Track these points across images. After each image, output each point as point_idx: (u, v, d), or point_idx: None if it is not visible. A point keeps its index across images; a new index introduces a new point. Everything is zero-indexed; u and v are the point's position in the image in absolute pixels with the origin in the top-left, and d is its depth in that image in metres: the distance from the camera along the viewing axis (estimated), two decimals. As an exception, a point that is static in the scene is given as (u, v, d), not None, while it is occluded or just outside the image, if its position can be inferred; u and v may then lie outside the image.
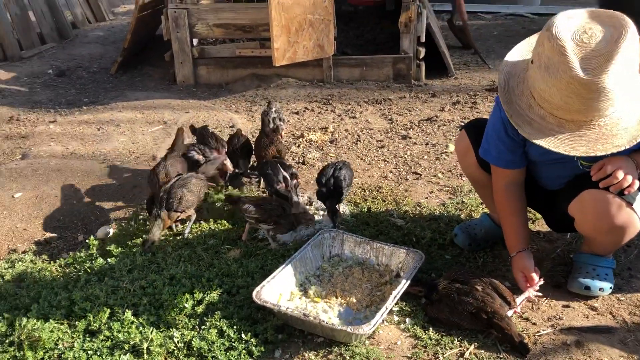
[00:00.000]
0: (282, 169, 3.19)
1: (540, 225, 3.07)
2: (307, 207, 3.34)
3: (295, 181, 3.20)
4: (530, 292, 2.42)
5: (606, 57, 1.82)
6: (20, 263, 2.88)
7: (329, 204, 3.05)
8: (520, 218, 2.52)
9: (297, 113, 5.04)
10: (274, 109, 3.91)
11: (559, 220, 2.58)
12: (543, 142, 1.98)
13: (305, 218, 2.92)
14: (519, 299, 2.37)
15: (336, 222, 3.00)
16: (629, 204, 2.23)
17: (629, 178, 2.08)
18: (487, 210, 3.07)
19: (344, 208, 3.35)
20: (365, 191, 3.57)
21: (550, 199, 2.59)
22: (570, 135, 1.95)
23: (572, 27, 1.90)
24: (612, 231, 2.31)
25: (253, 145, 3.69)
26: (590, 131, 1.94)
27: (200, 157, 3.44)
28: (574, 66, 1.84)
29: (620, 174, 2.07)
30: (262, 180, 3.45)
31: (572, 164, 2.36)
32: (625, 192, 2.14)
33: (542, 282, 2.45)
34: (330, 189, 3.07)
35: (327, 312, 2.41)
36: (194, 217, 3.12)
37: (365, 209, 3.33)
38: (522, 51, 2.24)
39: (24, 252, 3.02)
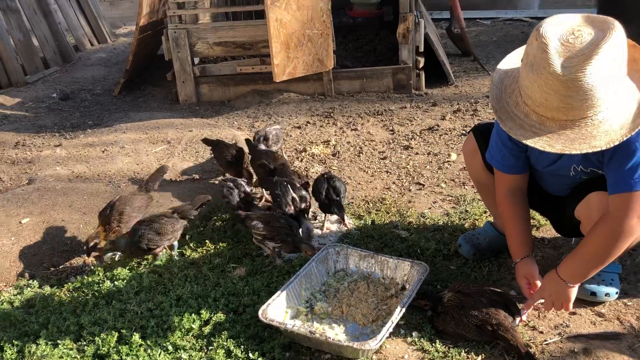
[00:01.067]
0: (291, 191, 3.21)
1: (544, 232, 3.07)
2: (313, 223, 3.35)
3: (304, 204, 3.21)
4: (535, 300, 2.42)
5: (586, 56, 1.85)
6: (28, 289, 2.91)
7: (336, 210, 3.17)
8: (523, 224, 2.52)
9: (299, 127, 5.07)
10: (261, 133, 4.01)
11: (566, 224, 2.58)
12: (522, 138, 2.01)
13: (308, 248, 2.87)
14: (524, 310, 2.37)
15: (344, 218, 3.21)
16: None
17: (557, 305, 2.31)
18: (490, 219, 3.08)
19: (347, 221, 3.36)
20: (368, 203, 3.59)
21: (557, 204, 2.60)
22: (550, 134, 1.97)
23: (562, 27, 1.93)
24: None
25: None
26: (570, 131, 1.96)
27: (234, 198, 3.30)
28: (553, 63, 1.86)
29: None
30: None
31: (568, 175, 2.38)
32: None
33: None
34: (332, 199, 3.20)
35: (333, 328, 2.42)
36: (160, 254, 3.06)
37: (369, 221, 3.34)
38: (521, 54, 2.25)
39: (32, 278, 3.04)
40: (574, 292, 2.29)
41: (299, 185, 3.30)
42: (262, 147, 3.87)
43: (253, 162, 3.78)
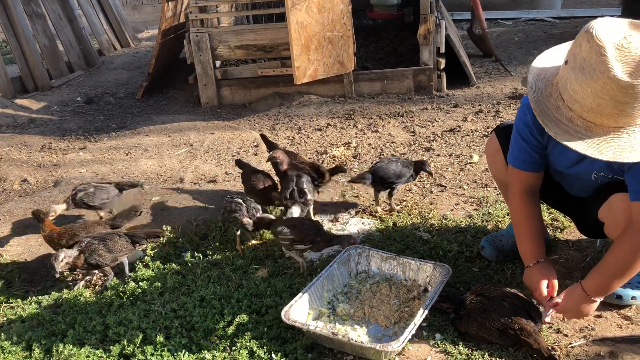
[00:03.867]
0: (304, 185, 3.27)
1: (568, 234, 3.04)
2: (334, 225, 3.37)
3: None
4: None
5: None
6: (55, 289, 2.96)
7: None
8: (537, 226, 2.49)
9: (319, 129, 5.09)
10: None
11: (590, 225, 2.55)
12: (570, 144, 1.95)
13: (347, 240, 2.85)
14: (546, 315, 2.34)
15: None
16: None
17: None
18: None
19: (369, 223, 3.37)
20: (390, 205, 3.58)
21: (579, 205, 2.57)
22: (597, 140, 1.92)
23: (612, 31, 1.87)
24: (643, 236, 2.27)
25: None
26: (618, 138, 1.91)
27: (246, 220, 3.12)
28: (613, 67, 1.81)
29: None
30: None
31: (589, 178, 2.36)
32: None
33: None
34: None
35: (355, 329, 2.42)
36: (110, 276, 2.98)
37: (391, 223, 3.34)
38: (552, 56, 2.22)
39: (59, 279, 3.10)
40: (596, 305, 2.27)
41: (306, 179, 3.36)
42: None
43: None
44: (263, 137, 4.11)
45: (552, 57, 2.18)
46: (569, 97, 1.96)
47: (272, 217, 3.19)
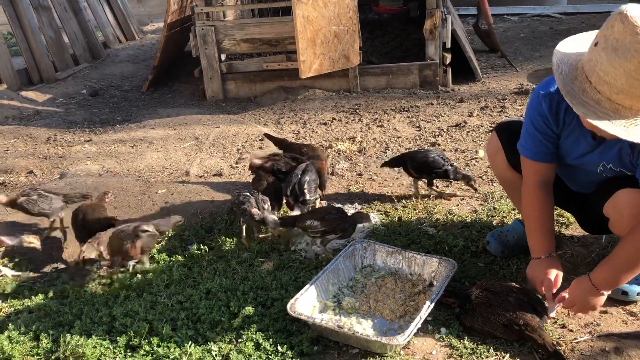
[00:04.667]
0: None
1: (574, 229, 3.04)
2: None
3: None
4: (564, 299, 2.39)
5: None
6: (61, 280, 2.98)
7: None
8: (549, 220, 2.48)
9: (324, 124, 5.09)
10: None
11: (593, 221, 2.55)
12: (599, 123, 1.92)
13: (364, 217, 2.99)
14: (551, 310, 2.35)
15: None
16: None
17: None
18: (519, 216, 3.05)
19: (374, 217, 3.37)
20: (395, 200, 3.58)
21: (584, 201, 2.57)
22: (625, 122, 1.90)
23: None
24: (649, 232, 2.27)
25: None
26: None
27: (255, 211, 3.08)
28: None
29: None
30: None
31: (594, 171, 2.35)
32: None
33: None
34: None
35: (361, 323, 2.43)
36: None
37: (396, 218, 3.34)
38: (572, 43, 2.19)
39: (65, 270, 3.11)
40: (603, 298, 2.27)
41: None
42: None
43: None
44: (267, 135, 4.12)
45: (573, 45, 2.16)
46: (598, 79, 1.93)
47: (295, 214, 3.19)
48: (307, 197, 3.25)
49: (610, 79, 1.89)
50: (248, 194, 3.17)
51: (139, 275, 2.90)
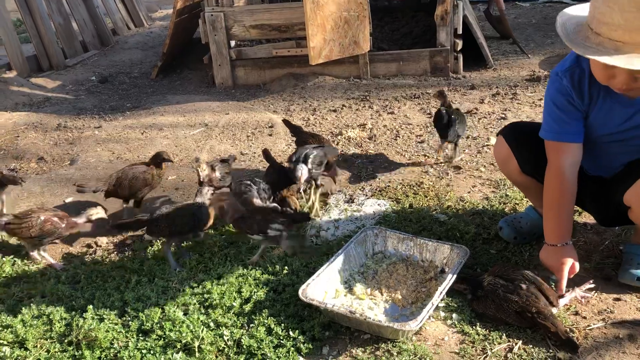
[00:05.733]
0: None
1: (587, 217, 3.01)
2: (350, 205, 3.37)
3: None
4: (577, 293, 2.38)
5: None
6: (73, 265, 2.99)
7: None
8: (571, 206, 2.43)
9: (334, 111, 5.06)
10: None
11: (610, 211, 2.51)
12: (599, 57, 1.93)
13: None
14: (563, 300, 2.33)
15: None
16: None
17: None
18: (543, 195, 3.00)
19: (385, 204, 3.36)
20: (406, 187, 3.57)
21: (601, 190, 2.52)
22: (625, 55, 1.91)
23: None
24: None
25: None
26: None
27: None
28: None
29: None
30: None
31: (632, 140, 2.29)
32: None
33: (592, 284, 2.42)
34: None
35: (372, 309, 2.43)
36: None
37: (407, 205, 3.32)
38: (580, 7, 2.20)
39: (77, 256, 3.13)
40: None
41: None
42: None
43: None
44: (285, 122, 4.09)
45: (579, 9, 2.17)
46: (597, 23, 1.96)
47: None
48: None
49: (608, 18, 1.92)
50: (250, 182, 3.14)
51: (152, 260, 2.90)
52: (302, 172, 3.11)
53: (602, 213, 2.63)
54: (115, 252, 3.12)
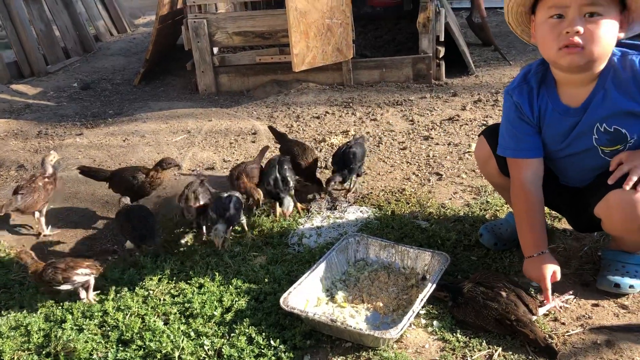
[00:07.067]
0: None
1: (566, 223, 3.03)
2: (333, 213, 3.38)
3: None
4: (557, 302, 2.40)
5: None
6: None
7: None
8: (541, 217, 2.48)
9: (318, 117, 5.07)
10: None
11: (584, 221, 2.55)
12: None
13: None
14: (542, 309, 2.35)
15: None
16: None
17: None
18: (512, 210, 3.05)
19: (367, 211, 3.37)
20: (388, 194, 3.58)
21: (575, 200, 2.56)
22: None
23: None
24: (641, 231, 2.28)
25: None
26: None
27: None
28: None
29: (635, 176, 2.14)
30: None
31: (593, 152, 2.34)
32: None
33: (571, 295, 2.44)
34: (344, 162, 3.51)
35: (354, 317, 2.43)
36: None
37: (389, 211, 3.34)
38: None
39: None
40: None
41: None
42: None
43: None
44: (271, 128, 4.09)
45: None
46: None
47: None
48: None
49: None
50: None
51: (132, 269, 2.88)
52: (289, 206, 3.25)
53: (577, 221, 2.67)
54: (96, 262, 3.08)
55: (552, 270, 2.35)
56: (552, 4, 2.11)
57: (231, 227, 3.00)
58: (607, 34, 2.07)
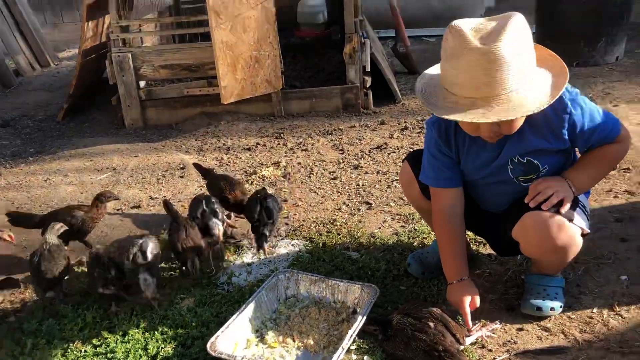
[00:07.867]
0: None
1: (491, 248, 3.12)
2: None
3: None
4: (484, 332, 2.44)
5: (498, 31, 2.01)
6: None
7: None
8: (462, 244, 2.56)
9: (249, 149, 5.04)
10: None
11: (505, 244, 2.63)
12: (454, 116, 2.08)
13: None
14: (470, 338, 2.39)
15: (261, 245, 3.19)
16: (570, 221, 2.30)
17: (560, 194, 2.26)
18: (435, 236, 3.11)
19: (298, 244, 3.35)
20: (319, 225, 3.58)
21: (494, 224, 2.65)
22: (482, 110, 2.05)
23: (470, 22, 2.10)
24: (556, 251, 2.37)
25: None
26: (499, 106, 2.05)
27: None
28: (471, 40, 2.01)
29: (549, 192, 2.26)
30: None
31: (510, 181, 2.44)
32: (561, 210, 2.25)
33: (498, 325, 2.49)
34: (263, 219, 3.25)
35: (284, 357, 2.39)
36: None
37: (320, 243, 3.33)
38: (434, 68, 2.36)
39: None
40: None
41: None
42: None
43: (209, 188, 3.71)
44: (196, 165, 4.02)
45: (436, 68, 2.32)
46: (450, 84, 2.11)
47: None
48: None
49: (456, 79, 2.08)
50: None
51: (50, 320, 2.72)
52: (219, 228, 3.17)
53: (498, 245, 2.77)
54: (12, 313, 2.90)
55: (469, 297, 2.40)
56: None
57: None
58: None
